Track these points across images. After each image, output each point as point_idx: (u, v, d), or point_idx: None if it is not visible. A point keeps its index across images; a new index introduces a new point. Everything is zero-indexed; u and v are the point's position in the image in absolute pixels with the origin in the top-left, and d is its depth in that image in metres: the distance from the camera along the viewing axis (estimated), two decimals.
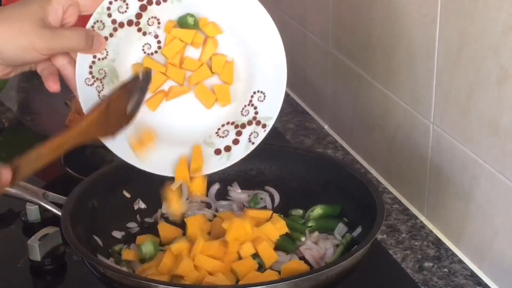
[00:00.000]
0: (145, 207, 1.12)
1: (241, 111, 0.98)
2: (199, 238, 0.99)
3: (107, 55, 0.93)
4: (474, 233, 1.08)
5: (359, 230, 1.03)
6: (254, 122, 0.98)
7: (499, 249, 1.03)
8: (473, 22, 1.02)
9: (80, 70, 0.92)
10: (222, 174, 1.14)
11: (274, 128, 1.48)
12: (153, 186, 1.13)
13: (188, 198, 1.10)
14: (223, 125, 0.98)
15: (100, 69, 0.93)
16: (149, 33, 0.94)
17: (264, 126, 0.98)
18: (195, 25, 0.94)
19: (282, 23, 1.67)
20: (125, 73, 0.94)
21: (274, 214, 1.07)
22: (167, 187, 1.00)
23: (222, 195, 1.16)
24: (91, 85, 0.93)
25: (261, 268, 0.99)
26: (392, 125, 1.26)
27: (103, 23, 0.91)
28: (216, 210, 1.13)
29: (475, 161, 1.05)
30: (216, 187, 1.15)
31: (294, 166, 1.14)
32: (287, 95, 1.65)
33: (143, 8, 0.93)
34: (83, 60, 0.92)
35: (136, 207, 1.12)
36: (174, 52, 0.94)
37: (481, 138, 1.04)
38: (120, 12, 0.92)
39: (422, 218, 1.20)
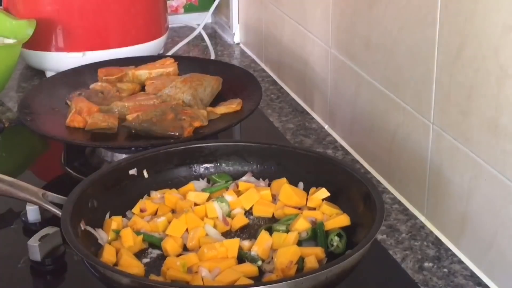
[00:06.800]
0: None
1: None
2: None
3: None
4: (474, 233, 1.08)
5: (358, 230, 1.04)
6: None
7: (499, 249, 1.03)
8: (473, 22, 1.02)
9: None
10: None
11: (274, 128, 1.50)
12: (153, 186, 1.14)
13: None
14: None
15: None
16: None
17: None
18: None
19: (282, 23, 1.68)
20: None
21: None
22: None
23: None
24: None
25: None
26: (392, 125, 1.26)
27: None
28: None
29: (475, 161, 1.05)
30: None
31: (294, 166, 1.14)
32: (287, 95, 1.65)
33: None
34: None
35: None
36: None
37: (481, 138, 1.04)
38: None
39: (422, 218, 1.20)
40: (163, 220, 1.06)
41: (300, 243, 1.02)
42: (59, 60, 1.68)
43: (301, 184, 1.13)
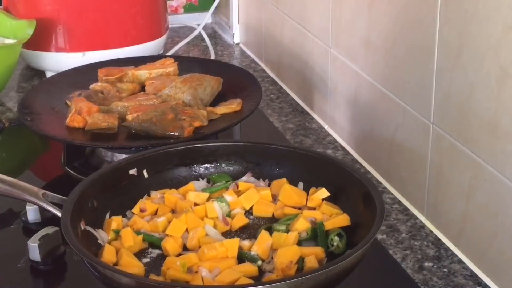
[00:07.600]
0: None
1: None
2: None
3: None
4: (474, 233, 1.08)
5: (358, 230, 1.04)
6: None
7: (499, 249, 1.03)
8: (473, 22, 1.02)
9: None
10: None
11: (274, 128, 1.50)
12: (153, 186, 1.14)
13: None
14: None
15: None
16: None
17: None
18: None
19: (282, 23, 1.68)
20: None
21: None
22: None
23: None
24: None
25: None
26: (392, 125, 1.26)
27: None
28: None
29: (475, 161, 1.05)
30: None
31: (294, 166, 1.14)
32: (287, 95, 1.65)
33: None
34: None
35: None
36: None
37: (481, 138, 1.04)
38: None
39: (422, 218, 1.20)
40: (163, 220, 1.06)
41: (300, 243, 1.02)
42: (59, 60, 1.69)
43: (301, 184, 1.13)
